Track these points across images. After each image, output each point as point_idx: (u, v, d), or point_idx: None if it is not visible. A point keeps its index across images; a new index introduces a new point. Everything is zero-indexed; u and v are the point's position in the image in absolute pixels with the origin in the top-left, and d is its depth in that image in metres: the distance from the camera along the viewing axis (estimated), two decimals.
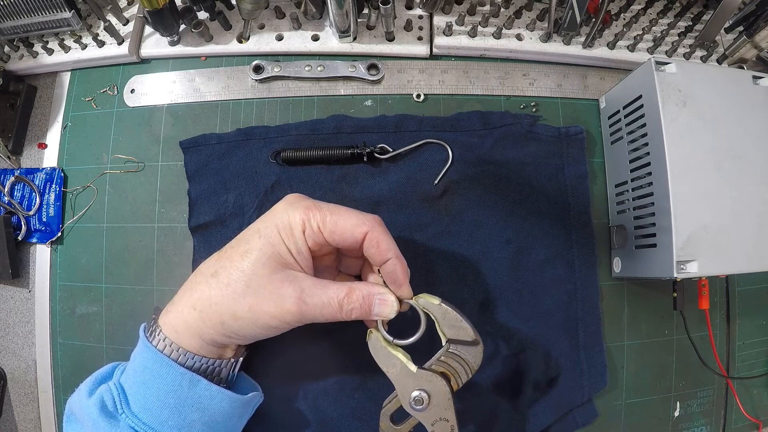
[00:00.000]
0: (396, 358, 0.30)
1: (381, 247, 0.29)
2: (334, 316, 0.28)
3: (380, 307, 0.29)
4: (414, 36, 0.45)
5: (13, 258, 0.43)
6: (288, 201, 0.30)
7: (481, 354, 0.30)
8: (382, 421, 0.31)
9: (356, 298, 0.29)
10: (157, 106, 0.44)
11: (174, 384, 0.27)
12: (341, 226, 0.28)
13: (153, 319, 0.30)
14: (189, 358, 0.28)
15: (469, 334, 0.30)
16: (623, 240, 0.40)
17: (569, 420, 0.39)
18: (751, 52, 0.44)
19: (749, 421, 0.44)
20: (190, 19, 0.43)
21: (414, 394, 0.30)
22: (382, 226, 0.30)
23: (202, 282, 0.29)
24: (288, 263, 0.28)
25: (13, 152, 0.45)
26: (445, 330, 0.30)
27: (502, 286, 0.40)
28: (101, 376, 0.30)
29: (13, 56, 0.45)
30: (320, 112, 0.43)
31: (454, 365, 0.30)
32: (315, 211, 0.29)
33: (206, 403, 0.28)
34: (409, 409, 0.30)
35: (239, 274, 0.28)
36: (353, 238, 0.29)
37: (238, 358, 0.31)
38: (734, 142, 0.36)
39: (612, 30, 0.46)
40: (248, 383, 0.34)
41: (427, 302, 0.30)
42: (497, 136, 0.42)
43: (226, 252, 0.29)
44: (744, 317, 0.44)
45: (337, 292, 0.28)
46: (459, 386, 0.31)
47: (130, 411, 0.27)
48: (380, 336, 0.31)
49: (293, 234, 0.28)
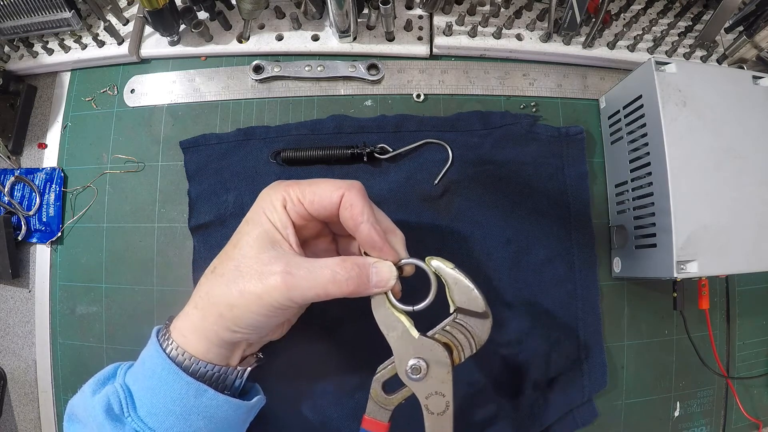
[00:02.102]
0: (398, 321, 0.28)
1: (354, 211, 0.28)
2: (325, 288, 0.27)
3: (378, 275, 0.28)
4: (414, 36, 0.45)
5: (13, 258, 0.43)
6: (269, 186, 0.30)
7: (488, 328, 0.28)
8: (374, 388, 0.29)
9: (351, 266, 0.27)
10: (157, 106, 0.44)
11: (180, 392, 0.27)
12: (319, 193, 0.28)
13: (166, 325, 0.30)
14: (195, 363, 0.28)
15: (480, 305, 0.28)
16: (623, 240, 0.40)
17: (569, 420, 0.39)
18: (751, 52, 0.44)
19: (749, 421, 0.44)
20: (190, 19, 0.43)
21: (411, 362, 0.28)
22: (358, 190, 0.29)
23: (204, 281, 0.29)
24: (276, 240, 0.28)
25: (13, 152, 0.45)
26: (455, 297, 0.28)
27: (502, 286, 0.40)
28: (104, 377, 0.30)
29: (13, 56, 0.45)
30: (320, 112, 0.43)
31: (459, 337, 0.29)
32: (294, 186, 0.29)
33: (213, 411, 0.28)
34: (404, 378, 0.28)
35: (231, 263, 0.28)
36: (331, 202, 0.28)
37: (247, 367, 0.31)
38: (734, 142, 0.36)
39: (612, 30, 0.46)
40: (248, 384, 0.34)
41: (440, 266, 0.28)
42: (497, 136, 0.42)
43: (224, 248, 0.30)
44: (744, 317, 0.44)
45: (330, 261, 0.27)
46: (461, 360, 0.29)
47: (137, 415, 0.27)
48: (385, 296, 0.29)
49: (275, 210, 0.28)
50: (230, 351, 0.30)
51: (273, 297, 0.26)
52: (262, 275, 0.26)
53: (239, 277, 0.27)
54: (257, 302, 0.26)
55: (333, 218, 0.30)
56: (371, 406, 0.30)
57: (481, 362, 0.39)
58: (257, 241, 0.28)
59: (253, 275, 0.27)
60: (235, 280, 0.27)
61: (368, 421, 0.30)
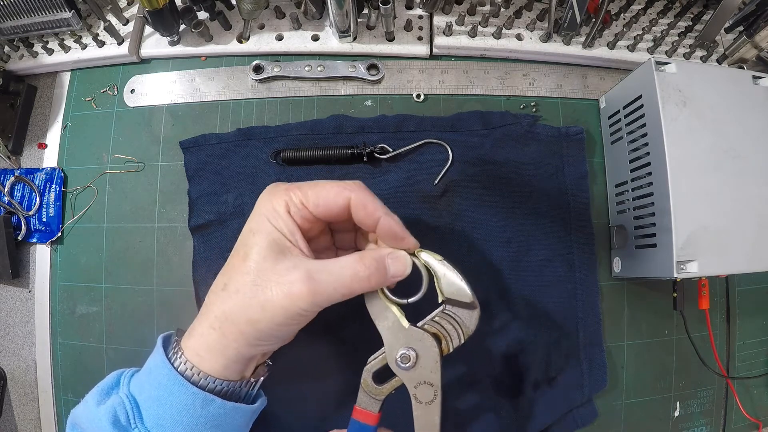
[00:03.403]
0: (390, 311, 0.29)
1: (368, 209, 0.28)
2: (350, 287, 0.27)
3: (395, 265, 0.28)
4: (414, 36, 0.45)
5: (13, 258, 0.43)
6: (267, 190, 0.30)
7: (476, 319, 0.29)
8: (364, 378, 0.30)
9: (370, 261, 0.27)
10: (157, 106, 0.44)
11: (188, 403, 0.27)
12: (324, 196, 0.28)
13: (176, 341, 0.29)
14: (211, 382, 0.28)
15: (467, 296, 0.29)
16: (623, 240, 0.40)
17: (569, 420, 0.39)
18: (751, 52, 0.44)
19: (749, 421, 0.44)
20: (190, 19, 0.43)
21: (401, 351, 0.29)
22: (364, 188, 0.29)
23: (215, 299, 0.28)
24: (286, 247, 0.28)
25: (13, 152, 0.45)
26: (444, 288, 0.29)
27: (502, 286, 0.40)
28: (107, 387, 0.30)
29: (13, 56, 0.45)
30: (320, 112, 0.43)
31: (447, 327, 0.29)
32: (295, 190, 0.28)
33: (221, 420, 0.28)
34: (394, 367, 0.29)
35: (246, 277, 0.27)
36: (337, 205, 0.28)
37: (259, 378, 0.31)
38: (734, 142, 0.36)
39: (612, 30, 0.46)
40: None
41: (429, 258, 0.29)
42: (497, 136, 0.42)
43: (229, 261, 0.29)
44: (744, 317, 0.44)
45: (348, 260, 0.27)
46: (450, 350, 0.29)
47: (144, 426, 0.27)
48: (379, 289, 0.29)
49: (280, 216, 0.28)
50: (246, 365, 0.29)
51: (298, 306, 0.26)
52: (283, 285, 0.26)
53: (258, 291, 0.26)
54: (283, 313, 0.26)
55: (338, 219, 0.29)
56: (362, 396, 0.30)
57: (482, 362, 0.39)
58: (268, 251, 0.27)
59: (273, 288, 0.26)
60: (255, 296, 0.26)
61: (359, 411, 0.30)
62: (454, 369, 0.39)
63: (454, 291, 0.29)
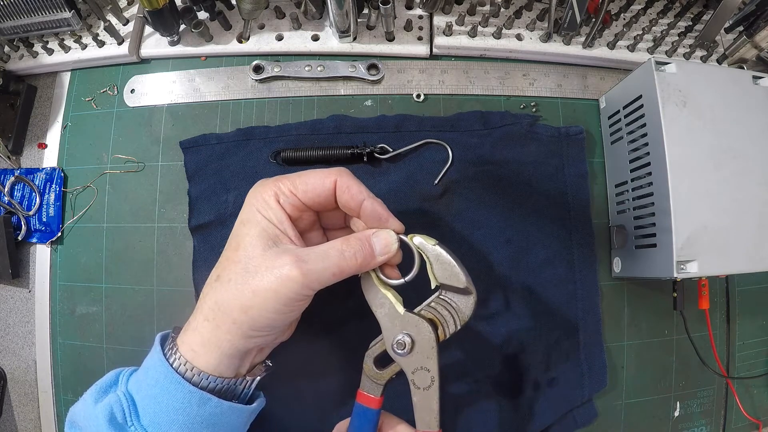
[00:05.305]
0: (386, 297, 0.29)
1: (352, 191, 0.29)
2: (339, 266, 0.27)
3: (379, 242, 0.29)
4: (414, 36, 0.45)
5: (13, 258, 0.43)
6: (257, 183, 0.31)
7: (472, 305, 0.29)
8: (366, 363, 0.30)
9: (354, 241, 0.28)
10: (157, 106, 0.44)
11: (184, 402, 0.27)
12: (311, 182, 0.29)
13: (172, 338, 0.29)
14: (204, 378, 0.28)
15: (461, 281, 0.29)
16: (623, 240, 0.40)
17: (569, 420, 0.39)
18: (751, 52, 0.44)
19: (749, 421, 0.44)
20: (190, 19, 0.43)
21: (397, 338, 0.29)
22: (349, 174, 0.30)
23: (209, 291, 0.29)
24: (276, 236, 0.28)
25: (13, 152, 0.45)
26: (437, 273, 0.29)
27: (502, 286, 0.40)
28: (106, 385, 0.30)
29: (13, 56, 0.45)
30: (320, 112, 0.43)
31: (443, 313, 0.29)
32: (284, 180, 0.29)
33: (217, 419, 0.28)
34: (391, 353, 0.29)
35: (237, 266, 0.27)
36: (324, 188, 0.29)
37: (256, 377, 0.31)
38: (734, 142, 0.36)
39: (612, 30, 0.46)
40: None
41: (422, 242, 0.29)
42: (497, 136, 0.42)
43: (223, 254, 0.29)
44: (744, 317, 0.44)
45: (334, 242, 0.28)
46: (446, 336, 0.29)
47: (140, 424, 0.27)
48: (373, 273, 0.30)
49: (270, 206, 0.29)
50: (241, 360, 0.29)
51: (290, 288, 0.26)
52: (274, 269, 0.26)
53: (249, 278, 0.27)
54: (274, 298, 0.26)
55: (327, 206, 0.30)
56: (364, 381, 0.31)
57: (482, 362, 0.39)
58: (258, 240, 0.28)
59: (263, 273, 0.27)
60: (246, 282, 0.27)
61: (362, 395, 0.31)
62: (454, 369, 0.39)
63: (447, 276, 0.29)
